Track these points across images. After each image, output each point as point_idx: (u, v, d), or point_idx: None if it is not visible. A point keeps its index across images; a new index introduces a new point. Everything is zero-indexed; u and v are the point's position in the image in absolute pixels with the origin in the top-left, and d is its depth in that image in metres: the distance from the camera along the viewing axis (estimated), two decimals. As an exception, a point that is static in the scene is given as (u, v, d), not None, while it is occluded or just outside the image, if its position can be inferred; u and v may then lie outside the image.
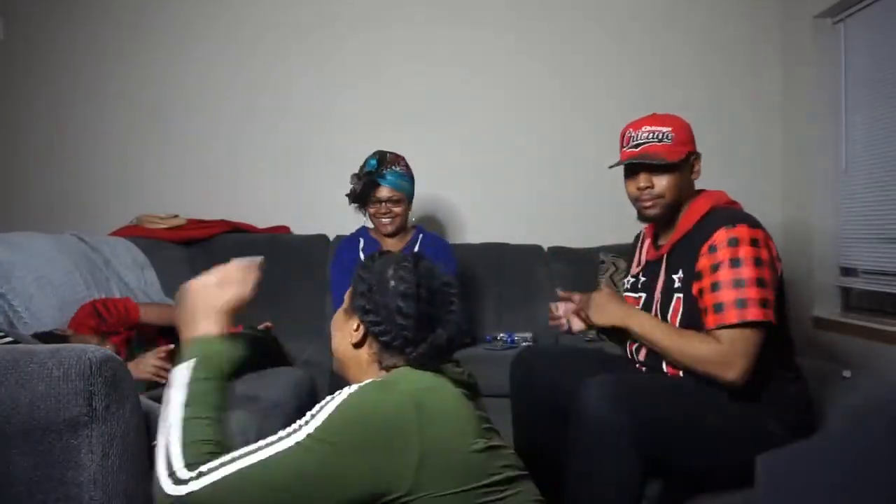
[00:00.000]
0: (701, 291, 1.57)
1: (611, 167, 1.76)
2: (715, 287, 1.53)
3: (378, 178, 2.49)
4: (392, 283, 1.26)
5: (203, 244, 3.12)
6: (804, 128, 3.14)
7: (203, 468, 1.06)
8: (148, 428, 1.40)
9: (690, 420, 1.51)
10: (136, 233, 3.07)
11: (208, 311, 1.21)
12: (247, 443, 1.38)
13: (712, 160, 3.22)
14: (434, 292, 1.27)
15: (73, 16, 3.37)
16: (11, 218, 3.15)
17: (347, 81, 3.38)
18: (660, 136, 1.66)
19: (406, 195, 2.55)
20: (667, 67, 3.38)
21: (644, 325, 1.65)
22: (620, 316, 1.68)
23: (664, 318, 1.67)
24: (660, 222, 1.75)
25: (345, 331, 1.32)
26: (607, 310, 1.70)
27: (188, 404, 1.12)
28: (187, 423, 1.11)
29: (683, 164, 1.68)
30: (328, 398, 1.14)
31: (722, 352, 1.51)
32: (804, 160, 3.15)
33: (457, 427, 1.17)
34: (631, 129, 1.72)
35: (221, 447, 1.10)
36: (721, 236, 1.55)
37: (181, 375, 1.15)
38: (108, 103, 3.37)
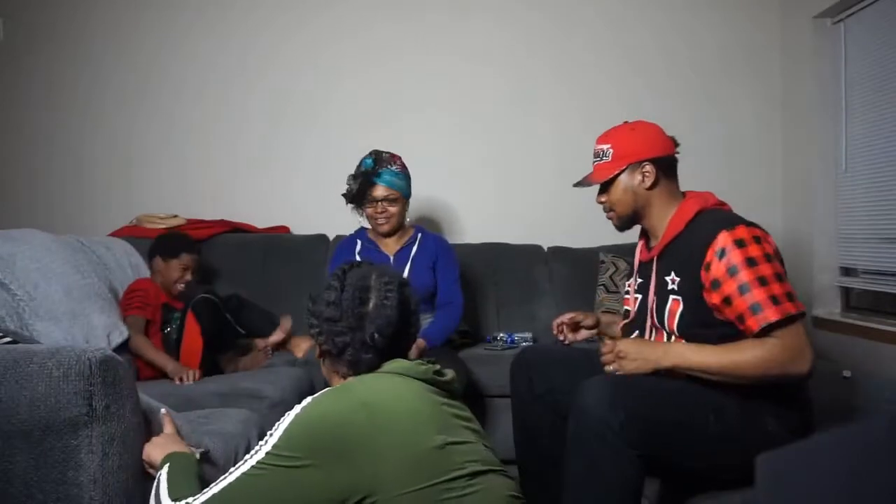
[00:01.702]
0: (728, 299, 1.53)
1: (574, 185, 1.84)
2: (743, 290, 1.51)
3: (374, 177, 2.49)
4: (324, 294, 1.35)
5: (203, 244, 3.11)
6: (804, 128, 3.14)
7: (189, 499, 1.16)
8: (148, 428, 1.40)
9: (689, 420, 1.51)
10: (135, 233, 3.06)
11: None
12: (247, 439, 1.39)
13: (712, 160, 3.27)
14: (365, 290, 1.33)
15: (72, 16, 3.37)
16: (11, 218, 3.14)
17: (347, 81, 3.38)
18: (601, 155, 1.75)
19: (402, 194, 2.54)
20: (667, 67, 3.38)
21: (686, 355, 1.55)
22: (656, 359, 1.57)
23: (660, 320, 1.67)
24: (625, 230, 1.81)
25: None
26: (642, 355, 1.57)
27: (170, 477, 1.24)
28: (172, 480, 1.22)
29: (622, 176, 1.71)
30: (287, 413, 1.20)
31: (788, 347, 1.49)
32: (804, 160, 3.15)
33: (411, 425, 1.19)
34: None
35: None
36: (726, 239, 1.54)
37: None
38: (108, 103, 3.37)
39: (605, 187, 1.74)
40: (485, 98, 3.39)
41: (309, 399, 1.21)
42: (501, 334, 2.87)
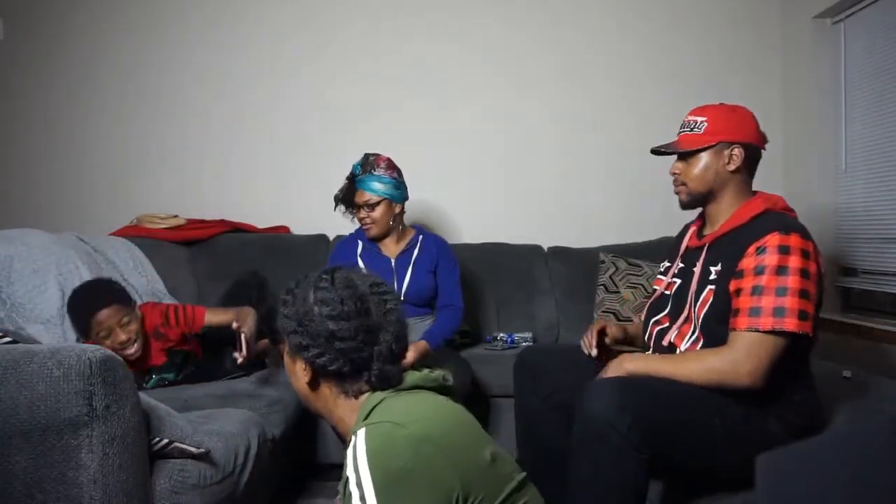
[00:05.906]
0: (739, 291, 1.54)
1: (652, 151, 1.79)
2: (756, 290, 1.51)
3: (357, 182, 2.50)
4: (316, 308, 1.19)
5: (203, 244, 3.11)
6: (804, 128, 3.14)
7: None
8: (148, 427, 1.40)
9: (693, 421, 1.51)
10: (135, 233, 3.06)
11: None
12: (247, 439, 1.35)
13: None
14: (363, 299, 1.20)
15: (72, 16, 3.36)
16: (11, 218, 3.14)
17: (347, 81, 3.38)
18: (692, 126, 1.70)
19: (387, 198, 2.49)
20: (668, 68, 3.38)
21: (644, 364, 1.61)
22: (615, 366, 1.65)
23: (694, 307, 1.65)
24: (690, 208, 1.75)
25: (296, 373, 1.27)
26: (618, 366, 1.65)
27: None
28: None
29: (707, 152, 1.66)
30: (355, 482, 1.05)
31: (737, 360, 1.50)
32: (804, 160, 3.15)
33: (469, 445, 1.15)
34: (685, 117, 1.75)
35: None
36: (773, 240, 1.53)
37: None
38: (108, 103, 3.37)
39: (685, 158, 1.69)
40: (485, 97, 3.39)
41: (362, 456, 1.06)
42: (501, 334, 2.87)
